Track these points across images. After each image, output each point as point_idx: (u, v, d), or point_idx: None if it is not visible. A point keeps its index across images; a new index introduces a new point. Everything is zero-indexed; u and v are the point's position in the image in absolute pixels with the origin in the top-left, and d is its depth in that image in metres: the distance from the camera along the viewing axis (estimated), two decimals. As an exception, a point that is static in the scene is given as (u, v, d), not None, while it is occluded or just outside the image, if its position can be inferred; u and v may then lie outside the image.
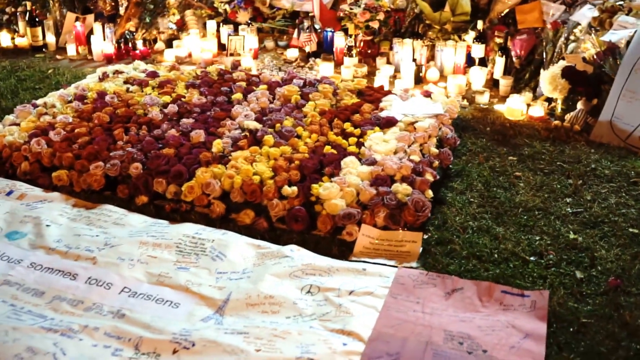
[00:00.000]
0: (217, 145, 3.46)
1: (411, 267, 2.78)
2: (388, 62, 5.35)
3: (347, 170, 3.22)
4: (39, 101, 4.13)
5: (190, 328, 2.45)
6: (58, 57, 5.82)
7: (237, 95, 4.10)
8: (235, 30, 5.75)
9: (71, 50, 5.84)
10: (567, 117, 4.17)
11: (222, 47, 5.83)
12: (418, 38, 5.30)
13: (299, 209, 3.05)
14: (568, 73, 4.11)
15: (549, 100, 4.37)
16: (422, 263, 2.82)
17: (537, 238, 3.01)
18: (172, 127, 3.70)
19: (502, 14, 5.20)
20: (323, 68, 5.18)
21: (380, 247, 2.92)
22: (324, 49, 5.59)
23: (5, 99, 4.61)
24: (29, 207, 3.24)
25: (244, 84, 4.30)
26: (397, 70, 5.18)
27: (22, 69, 5.33)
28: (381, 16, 5.22)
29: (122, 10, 6.04)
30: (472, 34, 5.15)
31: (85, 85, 4.34)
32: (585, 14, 4.65)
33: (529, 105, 4.36)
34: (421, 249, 2.89)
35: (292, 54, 5.68)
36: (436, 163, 3.38)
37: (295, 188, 3.12)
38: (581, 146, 3.87)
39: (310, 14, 5.84)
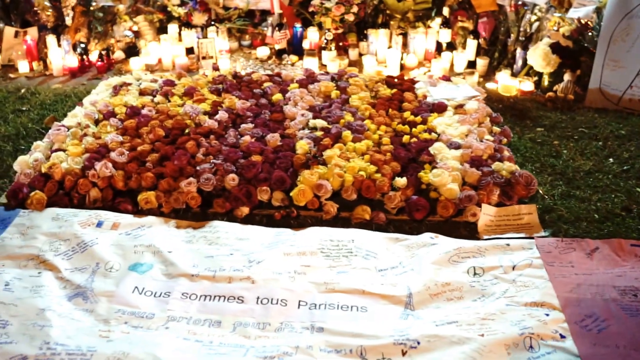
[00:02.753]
0: (302, 146, 3.26)
1: (544, 237, 2.88)
2: (360, 54, 5.35)
3: (442, 156, 3.22)
4: (67, 122, 3.59)
5: (401, 327, 2.34)
6: (11, 75, 5.06)
7: (277, 96, 3.88)
8: (204, 33, 5.38)
9: (23, 67, 5.10)
10: (556, 88, 4.48)
11: (187, 51, 5.43)
12: (385, 28, 5.36)
13: (418, 198, 3.00)
14: (557, 49, 4.42)
15: (538, 74, 4.65)
16: (551, 231, 2.93)
17: (613, 196, 3.23)
18: (240, 134, 3.42)
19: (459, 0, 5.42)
20: (307, 63, 5.05)
21: (501, 223, 2.97)
22: (294, 45, 5.44)
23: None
24: (130, 235, 2.85)
25: (269, 84, 4.07)
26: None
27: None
28: (355, 9, 5.19)
29: (68, 21, 5.38)
30: (438, 21, 5.31)
31: (107, 101, 3.84)
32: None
33: (520, 81, 4.62)
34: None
35: (262, 52, 5.46)
36: (505, 140, 3.49)
37: (404, 179, 3.06)
38: (585, 112, 4.20)
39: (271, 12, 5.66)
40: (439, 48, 5.30)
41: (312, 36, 5.34)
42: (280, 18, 5.46)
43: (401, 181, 3.04)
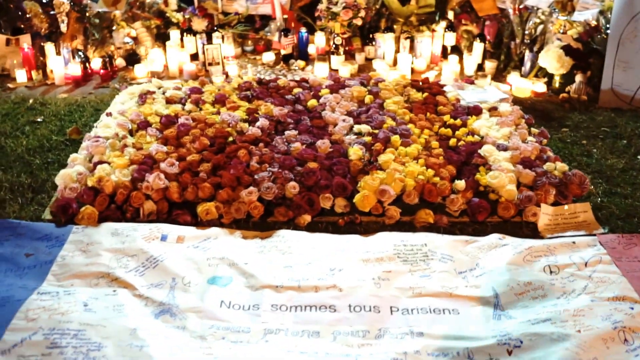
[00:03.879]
0: (355, 152, 3.26)
1: (604, 234, 2.97)
2: (367, 58, 5.38)
3: (494, 158, 3.27)
4: (101, 133, 3.46)
5: (498, 328, 2.37)
6: (10, 85, 4.84)
7: (313, 102, 3.85)
8: (209, 39, 5.29)
9: (21, 76, 4.89)
10: (568, 89, 4.63)
11: (191, 57, 5.33)
12: (389, 32, 5.41)
13: (479, 200, 3.04)
14: (569, 51, 4.57)
15: (548, 76, 4.80)
16: (609, 228, 3.03)
17: (656, 191, 3.37)
18: (287, 141, 3.39)
19: (461, 3, 5.52)
20: (318, 68, 5.04)
21: (559, 221, 3.05)
22: (299, 51, 5.42)
23: (19, 138, 3.79)
24: (199, 248, 2.78)
25: (299, 90, 4.04)
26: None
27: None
28: (363, 13, 5.22)
29: (63, 28, 5.19)
30: (442, 24, 5.40)
31: (137, 111, 3.72)
32: (539, -1, 5.15)
33: (533, 83, 4.75)
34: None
35: (268, 58, 5.41)
36: (544, 141, 3.58)
37: (463, 182, 3.10)
38: (602, 112, 4.35)
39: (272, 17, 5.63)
40: (444, 52, 5.40)
41: (319, 41, 5.33)
42: (286, 23, 5.44)
43: (461, 184, 3.08)
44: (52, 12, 5.20)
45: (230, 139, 3.43)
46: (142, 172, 3.07)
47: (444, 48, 5.38)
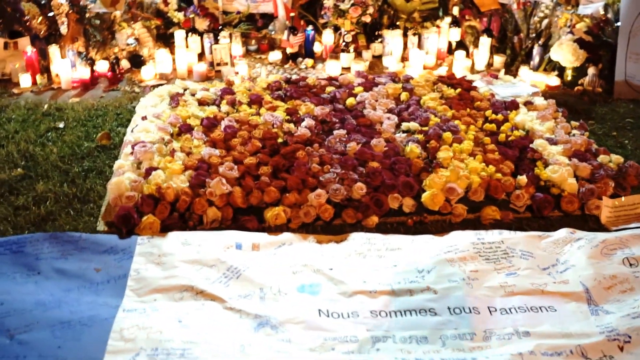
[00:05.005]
0: (413, 150, 3.17)
1: (669, 223, 2.99)
2: (376, 56, 5.30)
3: (549, 152, 3.25)
4: (144, 138, 3.25)
5: (602, 323, 2.34)
6: (15, 90, 4.52)
7: (351, 101, 3.73)
8: (216, 39, 5.09)
9: (25, 80, 4.58)
10: (582, 82, 4.68)
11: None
12: (393, 28, 5.34)
13: (544, 195, 3.01)
14: (583, 44, 4.61)
15: (559, 69, 4.83)
16: (669, 218, 3.05)
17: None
18: (340, 141, 3.27)
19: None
20: (330, 67, 4.93)
21: (621, 213, 3.04)
22: (306, 49, 5.28)
23: (46, 145, 3.55)
24: (277, 255, 2.64)
25: (332, 88, 3.92)
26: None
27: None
28: (371, 10, 5.13)
29: (63, 30, 4.89)
30: (447, 20, 5.37)
31: (175, 114, 3.51)
32: (542, -8, 5.17)
33: (548, 76, 4.77)
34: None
35: (274, 57, 5.25)
36: (587, 133, 3.59)
37: (524, 177, 3.07)
38: (620, 104, 4.41)
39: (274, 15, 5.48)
40: (449, 47, 5.37)
41: (327, 39, 5.21)
42: (292, 21, 5.29)
43: (523, 179, 3.04)
44: (50, 14, 4.92)
45: (280, 140, 3.29)
46: (201, 177, 2.90)
47: (449, 44, 5.36)
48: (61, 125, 3.83)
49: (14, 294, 2.37)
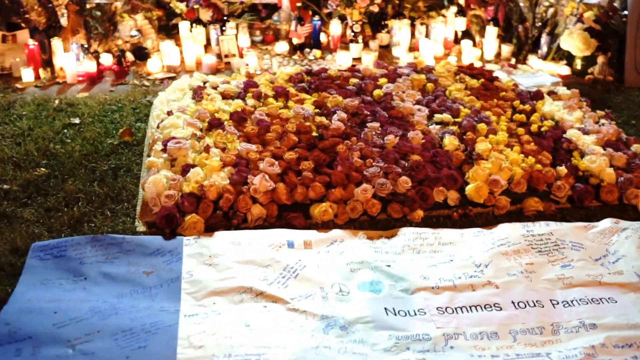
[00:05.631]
0: (452, 142, 3.12)
1: None
2: (383, 46, 5.22)
3: (582, 142, 3.23)
4: (175, 133, 3.12)
5: (665, 314, 2.33)
6: (18, 85, 4.31)
7: (378, 92, 3.64)
8: (222, 30, 4.94)
9: (28, 75, 4.37)
10: (591, 70, 4.69)
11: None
12: (402, 18, 5.28)
13: (585, 186, 2.99)
14: (593, 33, 4.62)
15: (568, 58, 4.83)
16: None
17: None
18: (376, 134, 3.20)
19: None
20: (340, 57, 4.84)
21: (657, 201, 3.06)
22: (312, 39, 5.18)
23: (66, 143, 3.39)
24: (331, 253, 2.56)
25: (356, 79, 3.84)
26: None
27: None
28: (379, 0, 5.05)
29: (63, 22, 4.68)
30: (453, 9, 5.32)
31: (201, 108, 3.37)
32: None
33: (559, 66, 4.77)
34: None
35: (280, 48, 5.14)
36: (614, 122, 3.59)
37: (563, 167, 3.04)
38: (632, 92, 4.43)
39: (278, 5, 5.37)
40: (455, 37, 5.33)
41: (334, 29, 5.12)
42: (299, 11, 5.17)
43: (564, 170, 3.02)
44: (49, 5, 4.71)
45: (314, 133, 3.20)
46: (242, 174, 2.79)
47: (455, 33, 5.32)
48: (77, 121, 3.67)
49: (64, 301, 2.25)
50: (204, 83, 3.83)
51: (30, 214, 2.79)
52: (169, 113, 3.37)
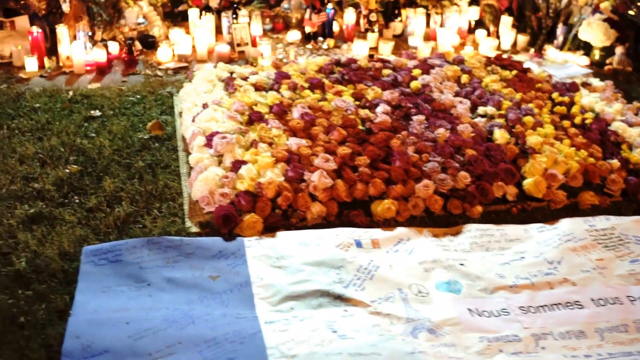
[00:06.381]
0: (503, 135, 3.07)
1: None
2: (396, 35, 5.15)
3: (629, 135, 3.23)
4: (216, 127, 2.99)
5: None
6: (22, 75, 4.09)
7: (416, 84, 3.57)
8: (235, 17, 4.79)
9: (32, 64, 4.15)
10: (610, 61, 4.71)
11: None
12: (415, 7, 5.22)
13: (638, 179, 2.99)
14: (613, 24, 4.64)
15: (585, 48, 4.84)
16: None
17: None
18: (424, 127, 3.13)
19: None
20: (357, 47, 4.75)
21: None
22: (326, 28, 5.06)
23: (91, 137, 3.23)
24: (399, 252, 2.50)
25: (389, 71, 3.76)
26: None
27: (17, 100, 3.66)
28: (394, -12, 4.97)
29: (65, 8, 4.45)
30: (466, -1, 5.29)
31: (240, 101, 3.24)
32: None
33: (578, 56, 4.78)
34: None
35: (293, 37, 5.01)
36: (648, 114, 3.61)
37: (616, 160, 3.04)
38: (654, 81, 4.49)
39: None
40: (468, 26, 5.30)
41: (348, 18, 5.01)
42: (311, -1, 5.05)
43: (616, 163, 3.02)
44: (49, -11, 4.49)
45: (360, 127, 3.12)
46: (298, 170, 2.69)
47: (469, 23, 5.29)
48: (97, 113, 3.50)
49: (133, 310, 2.12)
50: (231, 74, 3.69)
51: (70, 215, 2.63)
52: (205, 106, 3.23)
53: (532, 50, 4.89)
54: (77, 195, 2.77)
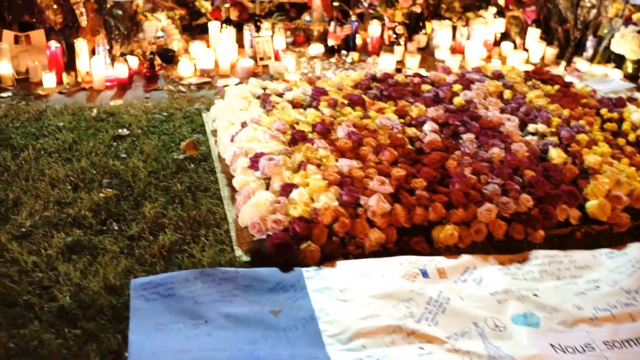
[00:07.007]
0: (559, 155, 2.96)
1: None
2: (420, 48, 5.05)
3: (685, 150, 3.14)
4: (260, 148, 2.85)
5: None
6: (40, 92, 3.94)
7: (459, 100, 3.45)
8: (257, 30, 4.66)
9: (50, 80, 4.00)
10: (643, 73, 4.65)
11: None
12: (441, 19, 5.12)
13: (703, 199, 2.89)
14: (648, 36, 4.57)
15: (617, 61, 4.76)
16: None
17: None
18: (478, 146, 3.01)
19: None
20: (384, 60, 4.65)
21: None
22: (349, 41, 4.95)
23: (122, 158, 3.08)
24: (468, 282, 2.36)
25: (429, 86, 3.64)
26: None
27: (45, 126, 3.49)
28: (420, 0, 4.87)
29: (82, 21, 4.31)
30: (492, 10, 5.20)
31: (281, 119, 3.10)
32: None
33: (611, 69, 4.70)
34: None
35: (315, 50, 4.90)
36: (702, 130, 3.51)
37: (678, 180, 2.93)
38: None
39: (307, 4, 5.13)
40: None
41: (373, 31, 4.91)
42: (336, 11, 4.93)
43: (680, 182, 2.91)
44: (62, 2, 4.34)
45: (409, 146, 3.00)
46: (354, 194, 2.56)
47: (495, 35, 5.20)
48: (125, 132, 3.35)
49: (194, 351, 1.97)
50: (264, 90, 3.56)
51: (111, 244, 2.48)
52: (244, 124, 3.09)
53: (563, 63, 4.80)
54: (116, 222, 2.62)
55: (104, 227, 2.59)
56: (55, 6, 4.30)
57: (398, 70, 4.53)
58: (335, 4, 4.88)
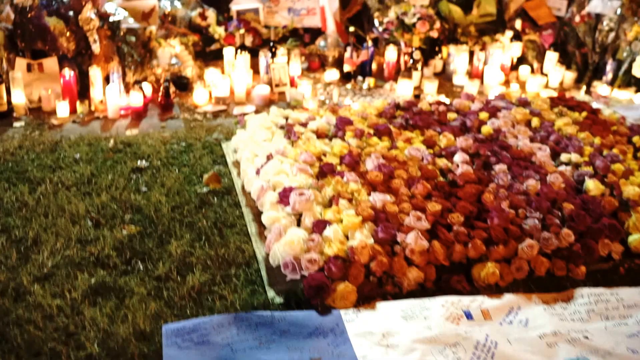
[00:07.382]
0: (597, 186, 2.88)
1: None
2: (436, 73, 5.00)
3: None
4: (289, 182, 2.77)
5: None
6: (54, 121, 3.86)
7: (487, 129, 3.37)
8: (273, 56, 4.61)
9: (63, 109, 3.92)
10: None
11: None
12: (458, 44, 5.08)
13: None
14: (670, 60, 4.53)
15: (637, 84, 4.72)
16: None
17: None
18: (515, 177, 2.94)
19: (518, 12, 5.33)
20: (402, 86, 4.59)
21: None
22: (365, 67, 4.89)
23: (143, 192, 3.00)
24: (514, 324, 2.26)
25: (455, 114, 3.57)
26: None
27: (60, 159, 3.41)
28: (438, 25, 4.83)
29: (95, 48, 4.24)
30: (509, 34, 5.16)
31: (308, 151, 3.01)
32: (604, 4, 5.02)
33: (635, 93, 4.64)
34: None
35: (330, 76, 4.84)
36: None
37: None
38: None
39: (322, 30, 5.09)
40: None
41: (390, 56, 4.85)
42: (352, 37, 4.88)
43: None
44: (75, 29, 4.27)
45: (444, 179, 2.92)
46: (390, 231, 2.47)
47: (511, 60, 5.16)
48: (144, 164, 3.27)
49: (234, 403, 1.87)
50: (286, 119, 3.49)
51: (138, 286, 2.38)
52: (269, 157, 3.01)
53: (583, 87, 4.75)
54: (141, 261, 2.53)
55: (129, 267, 2.50)
56: (68, 33, 4.24)
57: (416, 97, 4.47)
58: (351, 29, 4.83)
